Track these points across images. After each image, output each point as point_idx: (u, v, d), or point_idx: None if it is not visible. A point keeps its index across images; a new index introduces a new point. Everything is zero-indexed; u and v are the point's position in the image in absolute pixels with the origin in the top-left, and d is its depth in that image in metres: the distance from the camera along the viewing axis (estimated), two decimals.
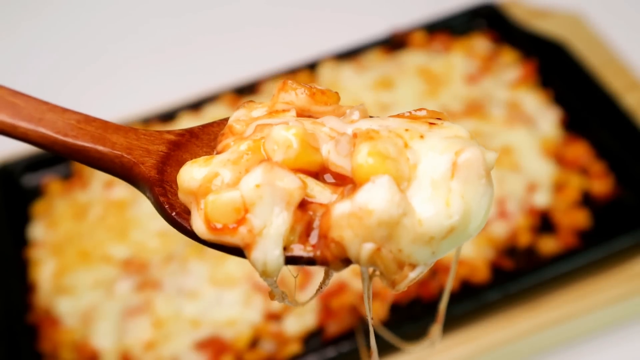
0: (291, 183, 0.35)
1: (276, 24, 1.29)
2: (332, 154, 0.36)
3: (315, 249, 0.35)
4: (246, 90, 1.06)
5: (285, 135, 0.36)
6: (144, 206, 0.93)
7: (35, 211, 0.97)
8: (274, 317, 0.82)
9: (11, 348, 0.81)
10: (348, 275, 0.83)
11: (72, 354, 0.81)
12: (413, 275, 0.35)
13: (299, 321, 0.81)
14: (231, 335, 0.81)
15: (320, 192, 0.36)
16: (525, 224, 0.87)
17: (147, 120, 1.02)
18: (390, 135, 0.35)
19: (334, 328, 0.81)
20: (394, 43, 1.09)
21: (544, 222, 0.88)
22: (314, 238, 0.36)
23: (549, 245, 0.85)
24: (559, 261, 0.82)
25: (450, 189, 0.34)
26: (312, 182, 0.36)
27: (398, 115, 0.38)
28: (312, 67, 1.07)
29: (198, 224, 0.36)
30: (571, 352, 0.83)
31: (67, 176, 1.01)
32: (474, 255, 0.84)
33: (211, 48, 1.26)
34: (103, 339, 0.82)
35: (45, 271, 0.89)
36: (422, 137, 0.36)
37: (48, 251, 0.91)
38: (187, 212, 0.38)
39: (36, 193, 0.99)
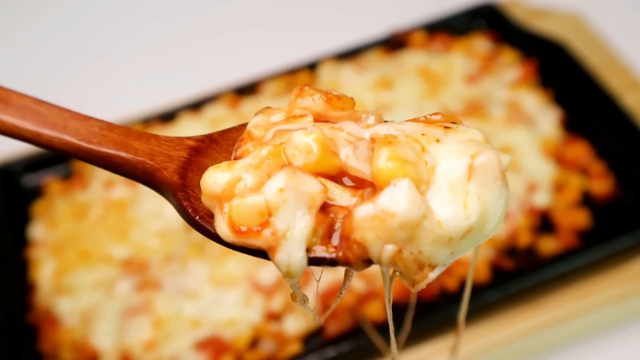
0: (313, 187, 0.36)
1: (276, 24, 1.29)
2: (351, 159, 0.37)
3: (337, 250, 0.36)
4: (246, 90, 1.06)
5: (305, 140, 0.36)
6: (144, 206, 0.93)
7: (35, 211, 0.97)
8: (274, 317, 0.82)
9: (11, 348, 0.81)
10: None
11: (72, 354, 0.81)
12: (433, 275, 0.36)
13: (299, 321, 0.81)
14: (231, 335, 0.81)
15: (340, 195, 0.37)
16: (525, 224, 0.87)
17: (147, 120, 1.02)
18: (407, 140, 0.36)
19: (334, 328, 0.81)
20: (394, 43, 1.09)
21: (544, 222, 0.88)
22: (335, 240, 0.36)
23: (549, 245, 0.85)
24: (559, 261, 0.82)
25: (467, 191, 0.36)
26: (332, 186, 0.37)
27: (414, 120, 0.39)
28: (312, 67, 1.07)
29: (222, 227, 0.37)
30: (571, 352, 0.83)
31: (67, 176, 1.01)
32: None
33: (211, 48, 1.26)
34: (103, 339, 0.82)
35: (45, 271, 0.89)
36: (438, 141, 0.37)
37: (48, 251, 0.91)
38: (210, 216, 0.38)
39: (36, 193, 0.99)
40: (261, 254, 0.37)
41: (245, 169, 0.37)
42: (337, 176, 0.37)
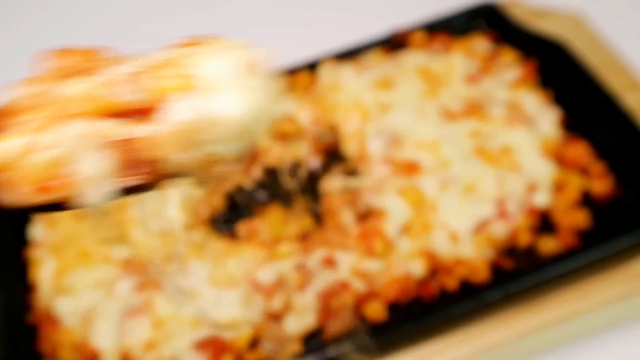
0: (99, 129, 0.39)
1: (276, 24, 1.29)
2: (125, 95, 0.41)
3: (141, 175, 0.40)
4: None
5: (76, 91, 0.40)
6: (144, 206, 0.93)
7: None
8: (274, 317, 0.82)
9: (11, 348, 0.81)
10: (348, 275, 0.83)
11: (72, 354, 0.81)
12: (227, 168, 0.41)
13: (299, 321, 0.81)
14: (231, 335, 0.81)
15: (126, 129, 0.40)
16: (525, 224, 0.87)
17: None
18: (170, 62, 0.42)
19: (334, 328, 0.81)
20: (394, 43, 1.09)
21: (544, 222, 0.88)
22: (138, 167, 0.40)
23: (549, 245, 0.85)
24: (559, 261, 0.82)
25: (238, 87, 0.41)
26: (115, 123, 0.40)
27: (168, 47, 0.44)
28: (312, 67, 1.07)
29: (15, 194, 0.39)
30: (571, 352, 0.83)
31: None
32: (474, 255, 0.84)
33: None
34: (103, 339, 0.82)
35: (45, 271, 0.89)
36: (198, 55, 0.43)
37: (48, 251, 0.91)
38: None
39: None
40: (65, 207, 0.39)
41: (25, 132, 0.39)
42: (117, 114, 0.40)
